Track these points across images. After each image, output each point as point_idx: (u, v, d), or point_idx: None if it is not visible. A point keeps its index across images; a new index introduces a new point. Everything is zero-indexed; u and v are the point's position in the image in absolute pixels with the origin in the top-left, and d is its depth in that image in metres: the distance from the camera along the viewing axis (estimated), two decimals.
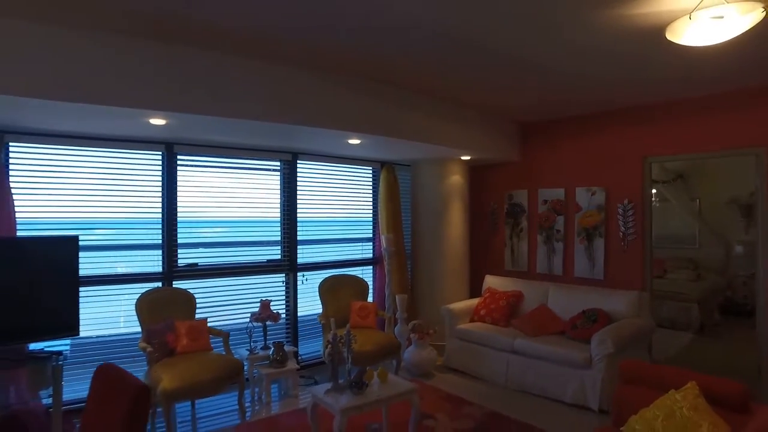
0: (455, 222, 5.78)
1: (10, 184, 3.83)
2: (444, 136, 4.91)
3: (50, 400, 3.48)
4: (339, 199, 5.68)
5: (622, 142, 5.02)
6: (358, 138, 4.41)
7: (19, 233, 3.85)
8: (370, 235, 5.99)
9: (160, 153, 4.47)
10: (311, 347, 5.33)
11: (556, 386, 4.25)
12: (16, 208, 3.85)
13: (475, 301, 5.39)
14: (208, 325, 4.19)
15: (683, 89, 4.35)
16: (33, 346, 3.66)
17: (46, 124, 3.70)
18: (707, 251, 7.74)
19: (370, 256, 5.97)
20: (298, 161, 5.21)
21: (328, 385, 3.25)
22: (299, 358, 5.04)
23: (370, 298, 5.40)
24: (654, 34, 3.00)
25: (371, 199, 5.98)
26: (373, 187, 5.99)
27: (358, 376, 3.17)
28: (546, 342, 4.40)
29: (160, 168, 4.48)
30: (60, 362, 3.51)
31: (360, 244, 5.93)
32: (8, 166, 3.87)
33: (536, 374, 4.40)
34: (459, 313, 5.21)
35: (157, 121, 3.57)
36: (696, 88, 4.30)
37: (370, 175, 5.99)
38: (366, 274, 5.76)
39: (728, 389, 2.47)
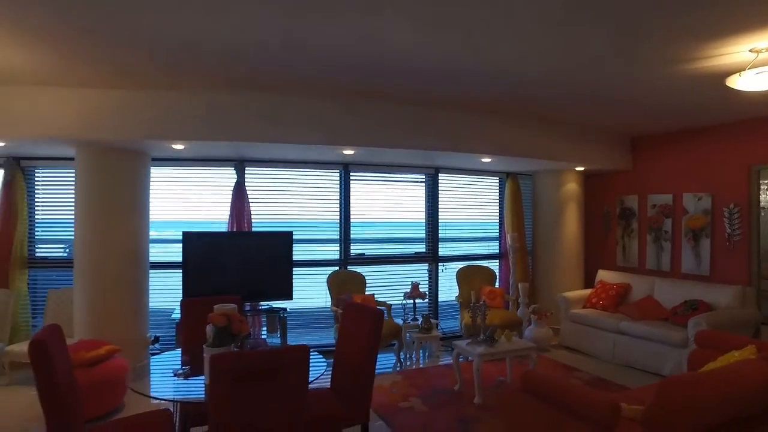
0: (571, 223, 6.76)
1: (248, 194, 5.70)
2: (563, 153, 5.96)
3: (278, 341, 5.22)
4: (471, 203, 6.97)
5: (726, 151, 5.61)
6: (489, 157, 5.67)
7: (254, 229, 5.71)
8: (497, 234, 7.17)
9: (338, 171, 6.12)
10: (448, 324, 6.67)
11: (657, 362, 5.06)
12: (252, 212, 5.72)
13: (587, 291, 6.31)
14: (375, 298, 5.70)
15: None
16: (264, 304, 5.47)
17: (268, 155, 5.51)
18: None
19: (497, 251, 7.15)
20: (439, 174, 6.59)
21: (468, 341, 4.54)
22: (440, 329, 6.39)
23: (496, 285, 6.59)
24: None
25: (498, 204, 7.15)
26: (499, 194, 7.15)
27: (490, 333, 4.41)
28: (648, 325, 5.22)
29: (338, 183, 6.14)
30: (284, 315, 5.25)
31: (489, 241, 7.16)
32: (245, 183, 5.74)
33: (639, 352, 5.23)
34: (573, 300, 6.17)
35: (348, 152, 5.18)
36: None
37: (497, 184, 7.17)
38: (493, 265, 6.94)
39: None
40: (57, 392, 2.31)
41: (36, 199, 5.59)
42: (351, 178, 6.17)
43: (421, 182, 6.61)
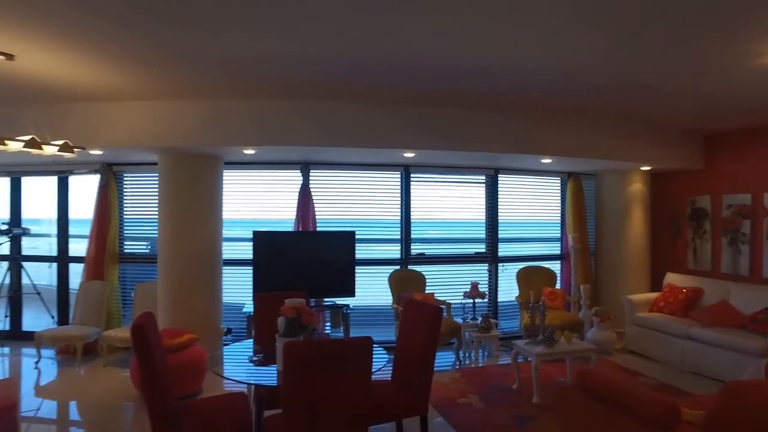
0: (636, 224, 6.57)
1: (313, 196, 5.99)
2: (629, 153, 5.82)
3: (341, 336, 5.46)
4: (532, 204, 6.93)
5: None
6: (550, 158, 5.64)
7: (318, 228, 5.99)
8: (558, 235, 7.07)
9: (400, 173, 6.29)
10: (507, 324, 6.67)
11: (731, 371, 4.81)
12: (316, 212, 6.00)
13: (654, 295, 6.11)
14: (435, 297, 5.82)
15: None
16: (327, 301, 5.73)
17: (332, 158, 5.77)
18: None
19: (558, 252, 7.06)
20: (499, 175, 6.60)
21: (527, 340, 4.57)
22: (499, 329, 6.41)
23: (557, 286, 6.51)
24: None
25: (559, 204, 7.06)
26: (561, 194, 7.06)
27: (549, 333, 4.42)
28: (722, 332, 5.00)
29: (399, 184, 6.32)
30: (347, 311, 5.49)
31: (549, 242, 7.08)
32: (310, 184, 6.03)
33: (711, 359, 5.02)
34: (638, 304, 6.00)
35: (408, 154, 5.34)
36: None
37: (558, 184, 7.07)
38: (554, 266, 6.85)
39: None
40: (153, 370, 2.63)
41: (125, 201, 6.18)
42: (411, 179, 6.32)
43: (481, 183, 6.66)
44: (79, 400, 4.55)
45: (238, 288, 5.97)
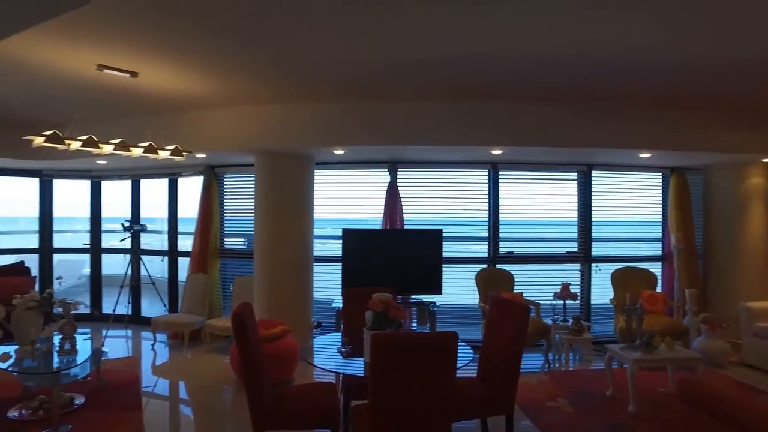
0: (755, 223, 5.92)
1: (400, 194, 6.08)
2: (745, 144, 5.28)
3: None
4: (629, 201, 6.51)
5: None
6: (650, 152, 5.27)
7: (406, 226, 6.07)
8: (659, 234, 6.58)
9: (487, 170, 6.20)
10: (600, 328, 6.32)
11: None
12: (404, 211, 6.08)
13: None
14: (524, 297, 5.67)
15: None
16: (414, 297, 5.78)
17: (419, 157, 5.81)
18: None
19: (659, 252, 6.57)
20: (592, 171, 6.28)
21: (623, 345, 4.31)
22: (592, 332, 6.10)
23: (658, 289, 6.06)
24: None
25: (660, 201, 6.56)
26: (662, 191, 6.56)
27: (647, 338, 4.14)
28: None
29: (487, 182, 6.22)
30: (433, 308, 5.50)
31: (649, 242, 6.62)
32: (398, 183, 6.12)
33: None
34: (758, 312, 5.39)
35: (496, 151, 5.25)
36: None
37: (659, 180, 6.57)
38: (654, 268, 6.38)
39: None
40: (251, 356, 2.83)
41: (225, 200, 6.66)
42: (499, 176, 6.20)
43: (572, 180, 6.38)
44: (187, 380, 5.01)
45: (328, 283, 6.21)
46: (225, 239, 6.70)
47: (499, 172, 6.19)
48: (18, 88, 4.45)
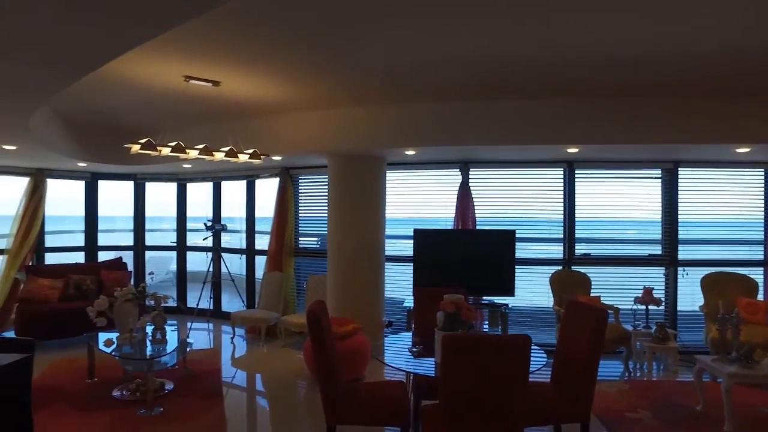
0: None
1: (472, 194, 6.00)
2: None
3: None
4: (722, 201, 6.01)
5: None
6: (749, 147, 4.84)
7: (478, 227, 5.99)
8: (761, 237, 6.01)
9: (562, 169, 5.97)
10: (688, 337, 5.88)
11: None
12: (476, 211, 6.00)
13: None
14: (602, 301, 5.41)
15: None
16: (486, 299, 5.68)
17: (491, 156, 5.72)
18: None
19: (761, 256, 6.01)
20: (679, 169, 5.87)
21: (715, 357, 3.99)
22: (678, 341, 5.70)
23: (759, 297, 5.55)
24: None
25: (762, 201, 5.99)
26: (765, 188, 5.98)
27: (746, 351, 3.80)
28: None
29: (562, 181, 6.00)
30: (506, 310, 5.39)
31: (747, 245, 6.08)
32: (470, 183, 6.04)
33: None
34: None
35: (572, 149, 5.05)
36: None
37: (762, 177, 6.00)
38: (754, 274, 5.83)
39: None
40: (325, 352, 2.92)
41: (299, 201, 6.89)
42: (576, 175, 5.96)
43: (656, 178, 6.00)
44: (263, 373, 5.25)
45: (399, 283, 6.26)
46: (299, 239, 6.93)
47: (576, 171, 5.94)
48: (118, 101, 4.87)
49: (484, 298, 5.60)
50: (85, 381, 4.56)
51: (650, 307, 5.39)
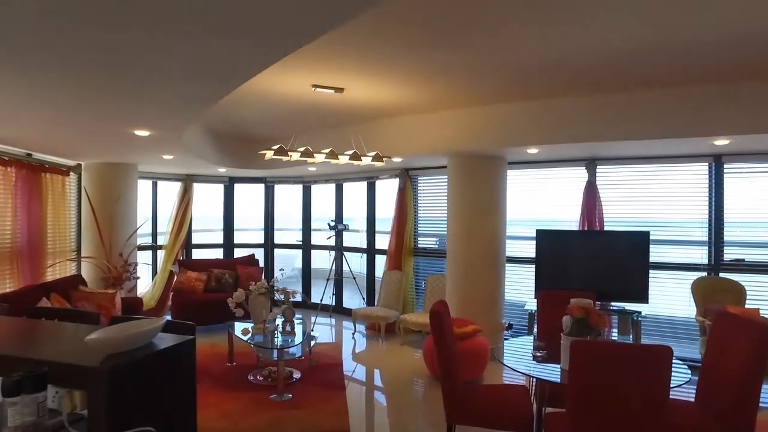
0: None
1: (599, 193, 5.62)
2: None
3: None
4: None
5: None
6: None
7: (606, 227, 5.59)
8: None
9: (707, 165, 5.34)
10: None
11: None
12: (603, 211, 5.61)
13: None
14: (760, 313, 4.73)
15: None
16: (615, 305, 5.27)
17: (620, 152, 5.29)
18: None
19: None
20: None
21: None
22: None
23: None
24: None
25: None
26: None
27: None
28: None
29: (706, 177, 5.36)
30: (638, 318, 4.96)
31: None
32: (597, 181, 5.66)
33: None
34: None
35: (720, 142, 4.49)
36: None
37: None
38: None
39: None
40: (447, 352, 2.92)
41: (419, 202, 6.97)
42: (724, 171, 5.29)
43: None
44: (382, 369, 5.39)
45: (519, 285, 6.06)
46: (418, 238, 7.01)
47: (725, 165, 5.27)
48: (254, 111, 5.33)
49: (613, 303, 5.21)
50: (225, 364, 5.07)
51: None
